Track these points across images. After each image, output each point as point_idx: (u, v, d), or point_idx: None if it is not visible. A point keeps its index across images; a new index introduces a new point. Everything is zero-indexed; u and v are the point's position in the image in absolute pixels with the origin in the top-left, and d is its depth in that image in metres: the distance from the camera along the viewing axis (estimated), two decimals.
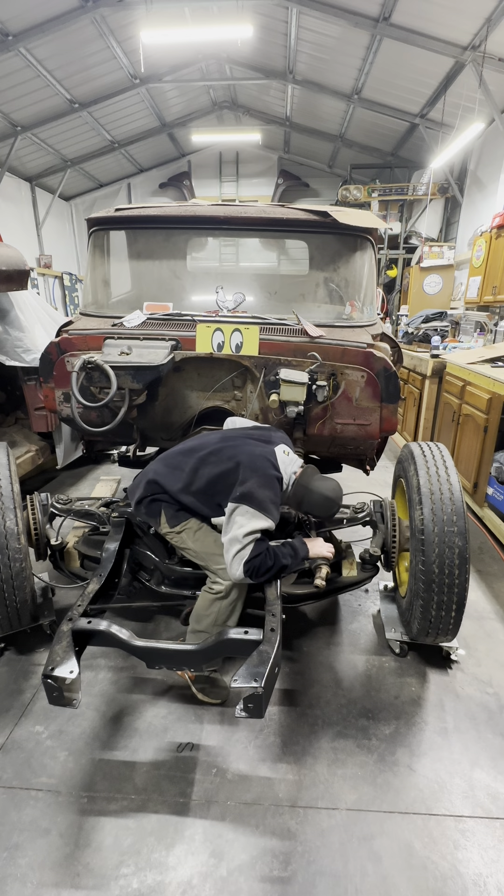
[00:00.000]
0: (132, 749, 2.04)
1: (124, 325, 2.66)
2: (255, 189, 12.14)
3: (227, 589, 2.09)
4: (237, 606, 2.13)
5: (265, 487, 2.05)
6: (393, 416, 2.53)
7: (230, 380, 2.68)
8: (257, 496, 2.01)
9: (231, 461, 2.12)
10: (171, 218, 2.88)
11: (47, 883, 1.58)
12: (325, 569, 2.19)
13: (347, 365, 2.46)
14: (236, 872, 1.61)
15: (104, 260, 3.01)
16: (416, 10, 5.88)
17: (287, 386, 2.44)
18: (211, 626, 2.09)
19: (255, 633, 1.76)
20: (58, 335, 2.75)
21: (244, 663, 1.64)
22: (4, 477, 2.29)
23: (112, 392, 2.46)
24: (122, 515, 2.53)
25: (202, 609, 2.13)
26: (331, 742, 2.07)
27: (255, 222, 2.81)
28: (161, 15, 6.55)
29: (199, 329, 2.54)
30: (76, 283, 11.85)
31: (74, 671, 1.64)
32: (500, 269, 5.71)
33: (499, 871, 1.62)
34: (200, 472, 2.17)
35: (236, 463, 2.10)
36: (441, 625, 2.25)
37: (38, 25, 6.45)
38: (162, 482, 2.22)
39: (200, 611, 2.13)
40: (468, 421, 4.13)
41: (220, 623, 2.10)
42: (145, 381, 2.52)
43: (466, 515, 2.19)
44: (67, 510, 2.61)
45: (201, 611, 2.13)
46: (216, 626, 2.08)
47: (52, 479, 4.82)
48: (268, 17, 7.06)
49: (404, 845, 1.70)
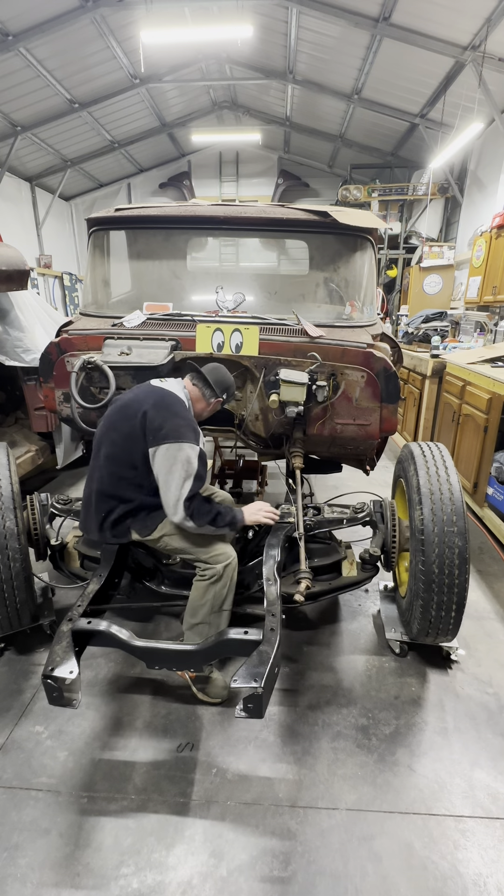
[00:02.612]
0: (132, 749, 2.04)
1: (124, 326, 2.66)
2: (255, 189, 12.13)
3: (219, 571, 2.10)
4: (231, 588, 2.14)
5: (174, 417, 2.07)
6: (393, 417, 2.53)
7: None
8: (171, 429, 2.02)
9: (133, 420, 2.09)
10: (170, 218, 2.88)
11: (47, 883, 1.58)
12: (304, 582, 2.15)
13: (347, 365, 2.46)
14: (236, 872, 1.61)
15: (104, 260, 3.01)
16: (416, 10, 5.88)
17: (287, 386, 2.44)
18: (208, 614, 2.10)
19: (254, 633, 1.76)
20: (58, 335, 2.75)
21: (244, 663, 1.64)
22: (4, 477, 2.30)
23: (111, 392, 2.46)
24: None
25: (197, 599, 2.12)
26: (331, 742, 2.07)
27: (254, 222, 2.80)
28: (161, 15, 6.55)
29: (199, 329, 2.54)
30: (76, 283, 11.85)
31: (74, 671, 1.64)
32: (500, 269, 5.71)
33: (499, 871, 1.62)
34: (120, 452, 2.13)
35: (140, 417, 2.08)
36: (441, 625, 2.25)
37: (38, 25, 6.45)
38: (109, 490, 2.16)
39: (196, 601, 2.13)
40: (468, 421, 4.13)
41: (217, 609, 2.10)
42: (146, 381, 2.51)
43: (466, 515, 2.19)
44: (67, 510, 2.61)
45: (196, 601, 2.12)
46: (213, 614, 2.09)
47: (52, 479, 4.82)
48: (268, 17, 7.06)
49: (404, 845, 1.70)
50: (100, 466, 2.18)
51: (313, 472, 3.52)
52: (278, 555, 2.25)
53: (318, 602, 2.76)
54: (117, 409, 2.20)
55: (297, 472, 2.60)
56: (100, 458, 2.19)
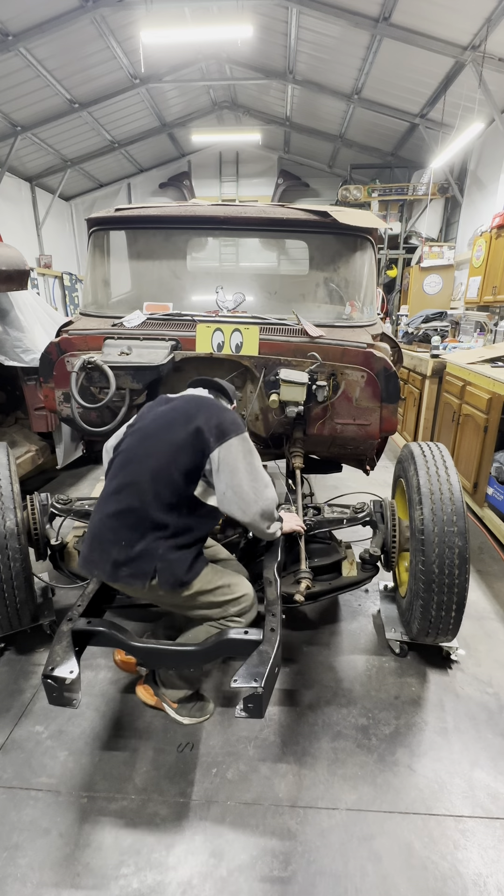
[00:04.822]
0: (132, 749, 2.04)
1: (124, 326, 2.66)
2: (255, 189, 12.12)
3: (244, 626, 1.90)
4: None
5: (225, 411, 1.92)
6: (393, 416, 2.53)
7: (230, 380, 2.68)
8: (231, 422, 1.85)
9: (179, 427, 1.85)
10: (171, 218, 2.88)
11: (47, 883, 1.58)
12: (305, 582, 2.14)
13: (347, 365, 2.46)
14: (236, 872, 1.61)
15: (104, 260, 3.01)
16: (415, 10, 5.88)
17: (287, 386, 2.44)
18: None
19: (255, 634, 1.76)
20: (57, 335, 2.75)
21: (244, 663, 1.64)
22: (4, 477, 2.30)
23: (111, 392, 2.46)
24: None
25: (203, 635, 1.92)
26: (331, 742, 2.07)
27: (255, 222, 2.81)
28: (161, 15, 6.55)
29: (199, 329, 2.54)
30: (76, 283, 11.85)
31: (74, 671, 1.64)
32: (500, 269, 5.71)
33: (499, 871, 1.62)
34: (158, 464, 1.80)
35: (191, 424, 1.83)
36: (441, 625, 2.25)
37: (38, 25, 6.45)
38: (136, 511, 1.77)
39: (200, 635, 1.93)
40: (468, 421, 4.13)
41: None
42: (145, 381, 2.52)
43: (466, 515, 2.19)
44: (67, 510, 2.61)
45: (201, 635, 1.93)
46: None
47: (52, 479, 4.82)
48: (268, 17, 7.06)
49: (404, 845, 1.70)
50: (126, 484, 1.83)
51: (313, 472, 3.52)
52: (278, 554, 2.25)
53: (317, 602, 2.76)
54: (152, 418, 1.95)
55: (297, 472, 2.60)
56: (126, 475, 1.85)
